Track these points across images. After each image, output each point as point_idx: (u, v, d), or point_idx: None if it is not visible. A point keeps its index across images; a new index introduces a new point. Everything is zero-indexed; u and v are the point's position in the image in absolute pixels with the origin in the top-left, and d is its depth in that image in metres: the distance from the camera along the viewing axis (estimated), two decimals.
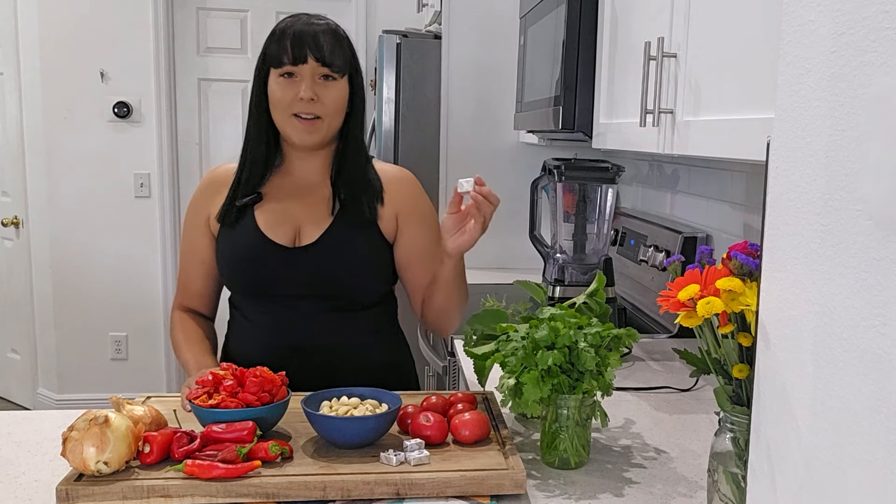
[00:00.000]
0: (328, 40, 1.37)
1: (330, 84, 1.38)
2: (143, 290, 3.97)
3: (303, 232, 1.43)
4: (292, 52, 1.35)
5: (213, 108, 3.98)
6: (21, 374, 4.15)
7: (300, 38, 1.36)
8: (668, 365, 1.72)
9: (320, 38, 1.37)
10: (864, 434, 0.51)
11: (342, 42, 1.40)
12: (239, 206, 1.43)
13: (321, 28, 1.38)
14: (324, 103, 1.37)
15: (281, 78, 1.37)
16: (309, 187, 1.46)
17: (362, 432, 1.13)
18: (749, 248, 0.90)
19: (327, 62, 1.37)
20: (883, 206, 0.49)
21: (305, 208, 1.44)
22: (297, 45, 1.36)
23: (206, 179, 1.52)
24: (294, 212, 1.44)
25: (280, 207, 1.44)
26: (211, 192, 1.49)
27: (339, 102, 1.40)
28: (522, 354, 1.12)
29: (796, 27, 0.60)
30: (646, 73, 1.42)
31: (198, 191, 1.52)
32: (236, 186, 1.45)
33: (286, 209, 1.44)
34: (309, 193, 1.46)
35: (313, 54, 1.36)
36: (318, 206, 1.44)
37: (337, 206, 1.44)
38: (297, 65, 1.36)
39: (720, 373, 0.94)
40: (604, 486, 1.11)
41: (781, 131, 0.62)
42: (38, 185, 3.88)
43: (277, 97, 1.38)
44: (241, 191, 1.45)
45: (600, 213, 1.92)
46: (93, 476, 1.02)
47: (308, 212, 1.44)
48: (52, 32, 3.75)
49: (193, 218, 1.50)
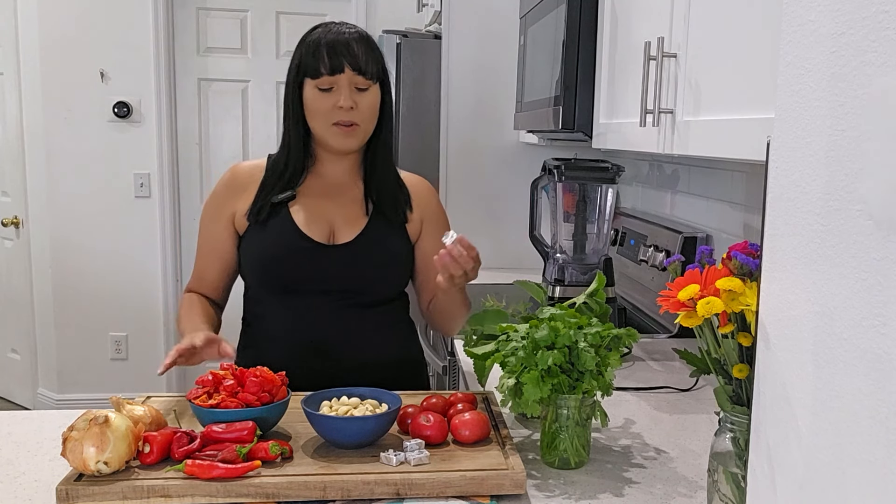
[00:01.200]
0: (362, 49, 1.42)
1: (365, 92, 1.43)
2: (143, 290, 3.97)
3: (337, 230, 1.47)
4: (330, 63, 1.40)
5: (213, 108, 3.98)
6: (21, 374, 4.15)
7: (335, 47, 1.40)
8: (668, 365, 1.72)
9: (354, 47, 1.41)
10: (864, 434, 0.51)
11: (374, 49, 1.45)
12: (274, 203, 1.46)
13: (354, 37, 1.43)
14: (360, 110, 1.42)
15: (318, 90, 1.41)
16: (340, 188, 1.51)
17: (362, 432, 1.13)
18: (749, 248, 0.90)
19: (363, 70, 1.41)
20: (883, 206, 0.49)
21: (339, 208, 1.49)
22: (332, 55, 1.40)
23: (228, 176, 1.53)
24: (328, 211, 1.49)
25: (314, 206, 1.48)
26: (235, 190, 1.51)
27: (374, 108, 1.45)
28: (522, 354, 1.12)
29: (796, 27, 0.60)
30: (646, 73, 1.42)
31: (220, 186, 1.53)
32: (271, 185, 1.48)
33: (321, 208, 1.49)
34: (341, 194, 1.50)
35: (349, 63, 1.40)
36: (352, 207, 1.50)
37: (370, 208, 1.50)
38: (334, 75, 1.40)
39: (720, 373, 0.94)
40: (604, 486, 1.11)
41: (781, 131, 0.62)
42: (38, 185, 3.88)
43: (316, 107, 1.42)
44: (276, 190, 1.47)
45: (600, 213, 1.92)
46: (93, 476, 1.02)
47: (342, 211, 1.49)
48: (52, 32, 3.75)
49: (215, 212, 1.51)
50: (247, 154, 4.00)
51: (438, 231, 1.53)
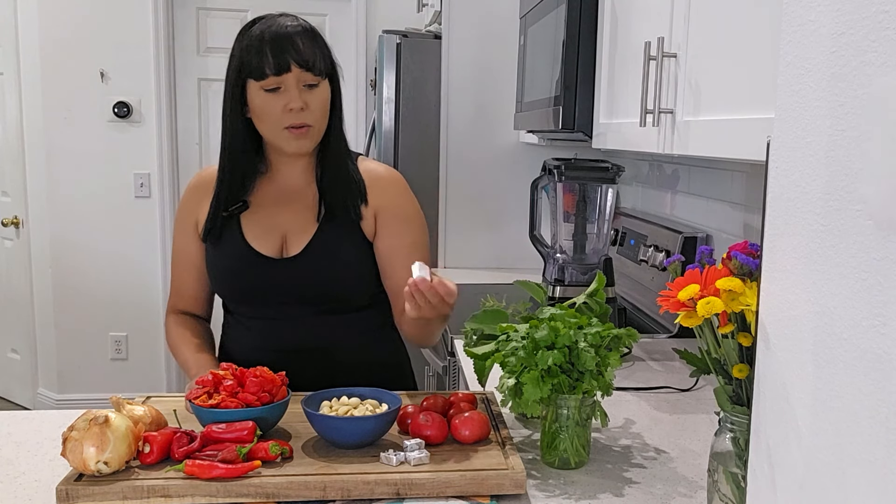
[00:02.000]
0: (307, 43, 1.32)
1: (314, 89, 1.34)
2: (143, 290, 3.97)
3: (289, 241, 1.41)
4: (274, 63, 1.29)
5: (213, 108, 3.98)
6: (21, 374, 4.15)
7: (279, 44, 1.30)
8: (668, 365, 1.72)
9: (299, 42, 1.31)
10: (864, 434, 0.51)
11: (320, 41, 1.35)
12: (225, 216, 1.41)
13: (297, 30, 1.32)
14: (312, 110, 1.34)
15: (265, 92, 1.32)
16: (295, 192, 1.44)
17: (362, 432, 1.13)
18: (749, 248, 0.90)
19: (310, 66, 1.31)
20: (883, 206, 0.49)
21: (291, 215, 1.42)
22: (277, 52, 1.29)
23: (192, 184, 1.50)
24: (280, 220, 1.42)
25: (266, 216, 1.42)
26: (199, 196, 1.46)
27: (325, 105, 1.37)
28: (522, 354, 1.12)
29: (796, 27, 0.60)
30: (646, 73, 1.42)
31: (185, 195, 1.49)
32: (218, 198, 1.42)
33: (272, 217, 1.42)
34: (295, 199, 1.43)
35: (295, 60, 1.30)
36: (304, 213, 1.42)
37: (322, 211, 1.41)
38: (280, 74, 1.30)
39: (720, 373, 0.94)
40: (604, 486, 1.11)
41: (781, 131, 0.62)
42: (38, 185, 3.88)
43: (265, 111, 1.33)
44: (225, 201, 1.41)
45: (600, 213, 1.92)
46: (93, 476, 1.02)
47: (294, 219, 1.42)
48: (52, 32, 3.75)
49: (182, 223, 1.48)
50: None
51: (401, 225, 1.43)
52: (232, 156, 1.41)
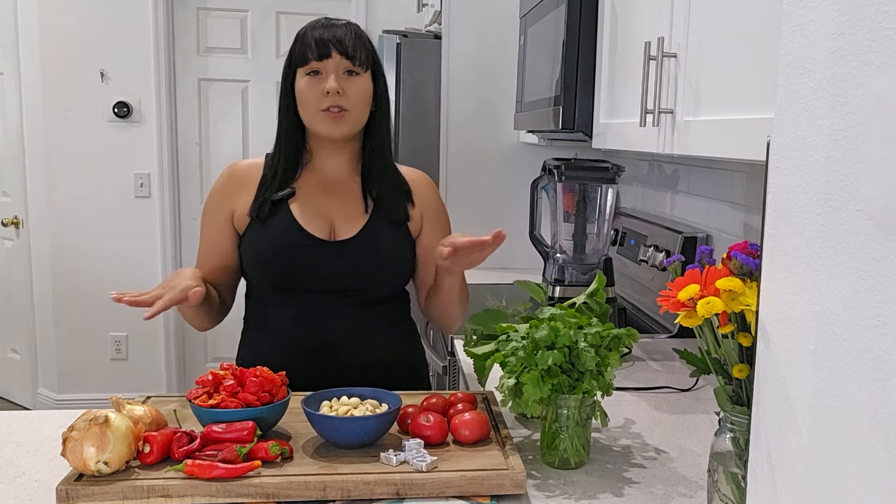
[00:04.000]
0: (350, 35, 1.43)
1: (354, 78, 1.43)
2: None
3: (337, 227, 1.47)
4: (317, 49, 1.41)
5: (213, 108, 3.98)
6: (21, 374, 4.15)
7: (322, 34, 1.42)
8: (668, 365, 1.72)
9: (341, 33, 1.43)
10: (864, 434, 0.51)
11: (363, 38, 1.45)
12: (274, 200, 1.46)
13: (340, 24, 1.45)
14: (349, 96, 1.42)
15: (307, 76, 1.42)
16: (338, 184, 1.50)
17: (362, 432, 1.13)
18: (749, 248, 0.90)
19: (350, 55, 1.41)
20: (883, 206, 0.49)
21: (338, 203, 1.48)
22: (320, 41, 1.41)
23: (226, 175, 1.52)
24: (327, 207, 1.48)
25: (313, 203, 1.48)
26: (234, 188, 1.50)
27: (364, 96, 1.44)
28: (522, 354, 1.12)
29: (796, 27, 0.60)
30: (646, 73, 1.42)
31: (218, 186, 1.52)
32: (269, 182, 1.47)
33: (319, 204, 1.48)
34: (340, 189, 1.50)
35: (336, 49, 1.41)
36: (351, 202, 1.49)
37: (370, 204, 1.49)
38: (321, 60, 1.41)
39: (720, 373, 0.94)
40: (604, 486, 1.11)
41: (781, 131, 0.62)
42: (38, 185, 3.88)
43: (306, 95, 1.43)
44: (274, 187, 1.47)
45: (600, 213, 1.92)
46: (93, 476, 1.02)
47: (341, 207, 1.48)
48: (52, 32, 3.75)
49: (214, 213, 1.50)
50: (247, 154, 4.00)
51: (439, 226, 1.55)
52: (284, 145, 1.49)
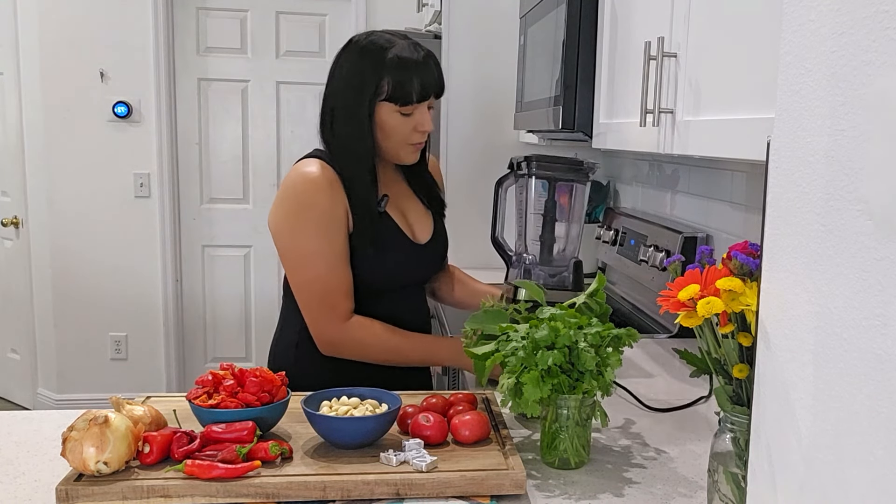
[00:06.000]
0: (438, 72, 1.47)
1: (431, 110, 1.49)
2: (143, 290, 3.97)
3: (415, 229, 1.57)
4: (422, 92, 1.42)
5: (212, 108, 3.98)
6: (21, 374, 4.15)
7: (424, 76, 1.42)
8: (668, 365, 1.72)
9: (434, 72, 1.45)
10: (864, 434, 0.51)
11: (439, 66, 1.48)
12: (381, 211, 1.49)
13: (432, 59, 1.46)
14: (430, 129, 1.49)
15: (400, 113, 1.43)
16: (395, 188, 1.57)
17: (362, 432, 1.13)
18: (749, 248, 0.90)
19: (441, 94, 1.48)
20: (883, 206, 0.49)
21: (407, 206, 1.57)
22: (424, 85, 1.42)
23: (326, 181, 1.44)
24: (403, 210, 1.56)
25: (396, 206, 1.55)
26: (338, 192, 1.44)
27: None
28: (522, 354, 1.12)
29: (796, 27, 0.60)
30: (646, 73, 1.41)
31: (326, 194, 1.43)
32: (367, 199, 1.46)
33: (401, 209, 1.55)
34: (399, 193, 1.57)
35: (435, 93, 1.46)
36: (412, 204, 1.59)
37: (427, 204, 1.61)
38: (422, 102, 1.44)
39: (720, 373, 0.94)
40: (604, 486, 1.11)
41: (781, 131, 0.62)
42: (38, 185, 3.88)
43: (398, 130, 1.44)
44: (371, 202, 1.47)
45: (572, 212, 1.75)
46: (93, 476, 1.02)
47: (409, 209, 1.57)
48: (52, 32, 3.75)
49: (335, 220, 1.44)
50: (247, 154, 4.00)
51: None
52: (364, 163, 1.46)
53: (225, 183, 4.02)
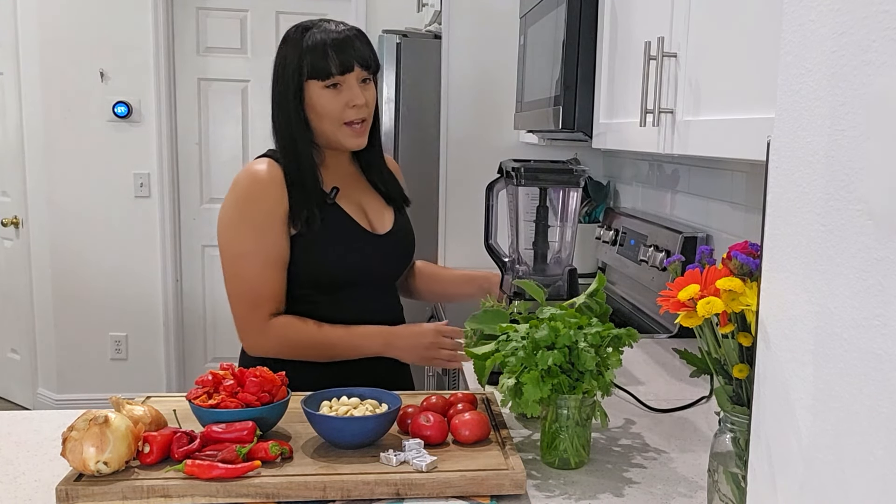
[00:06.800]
0: (365, 45, 1.44)
1: (367, 86, 1.45)
2: (143, 289, 3.97)
3: (373, 220, 1.53)
4: (340, 62, 1.40)
5: (212, 108, 3.98)
6: (21, 374, 4.15)
7: (342, 46, 1.41)
8: (668, 365, 1.72)
9: (357, 43, 1.43)
10: (864, 434, 0.51)
11: (369, 42, 1.47)
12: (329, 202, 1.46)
13: (353, 33, 1.44)
14: (368, 106, 1.45)
15: (326, 89, 1.41)
16: (351, 180, 1.54)
17: (362, 432, 1.13)
18: (749, 248, 0.90)
19: (368, 65, 1.43)
20: (883, 206, 0.49)
21: (365, 199, 1.54)
22: (341, 53, 1.40)
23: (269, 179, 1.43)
24: (360, 202, 1.53)
25: (348, 201, 1.51)
26: (280, 191, 1.43)
27: (374, 101, 1.48)
28: (522, 354, 1.12)
29: (796, 27, 0.60)
30: (646, 73, 1.41)
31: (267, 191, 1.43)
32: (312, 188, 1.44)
33: (357, 202, 1.52)
34: (355, 187, 1.54)
35: (357, 60, 1.41)
36: (371, 197, 1.55)
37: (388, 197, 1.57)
38: (344, 74, 1.41)
39: (720, 373, 0.94)
40: (604, 486, 1.11)
41: (781, 131, 0.62)
42: (38, 185, 3.88)
43: (328, 108, 1.42)
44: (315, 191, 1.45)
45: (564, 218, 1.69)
46: (93, 476, 1.02)
47: (367, 202, 1.54)
48: (52, 32, 3.75)
49: (272, 219, 1.42)
50: (247, 154, 4.00)
51: None
52: (302, 150, 1.45)
53: (225, 183, 3.98)
